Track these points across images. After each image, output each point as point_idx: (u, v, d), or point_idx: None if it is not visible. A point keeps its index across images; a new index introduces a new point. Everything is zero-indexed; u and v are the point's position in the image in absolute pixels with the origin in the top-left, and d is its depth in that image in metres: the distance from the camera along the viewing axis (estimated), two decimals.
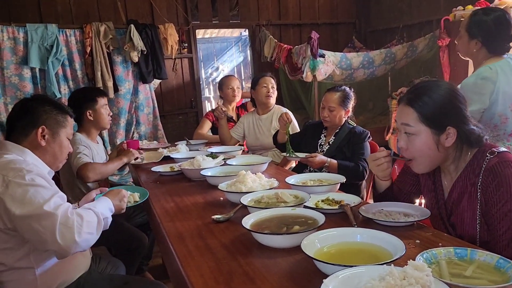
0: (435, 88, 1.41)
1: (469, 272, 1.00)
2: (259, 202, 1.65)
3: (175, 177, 2.45)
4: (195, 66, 5.86)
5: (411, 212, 1.52)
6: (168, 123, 5.66)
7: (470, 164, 1.42)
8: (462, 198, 1.45)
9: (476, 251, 1.07)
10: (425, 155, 1.42)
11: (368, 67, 5.15)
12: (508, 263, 1.00)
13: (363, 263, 1.03)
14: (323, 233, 1.24)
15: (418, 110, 1.39)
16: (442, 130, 1.38)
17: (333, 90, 2.74)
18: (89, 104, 2.70)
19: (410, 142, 1.43)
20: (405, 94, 1.46)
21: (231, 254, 1.29)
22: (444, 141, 1.39)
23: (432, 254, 1.05)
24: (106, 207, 1.60)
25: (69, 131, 1.76)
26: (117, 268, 2.07)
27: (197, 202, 1.90)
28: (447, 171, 1.51)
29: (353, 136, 2.65)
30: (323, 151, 2.73)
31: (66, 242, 1.35)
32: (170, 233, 1.50)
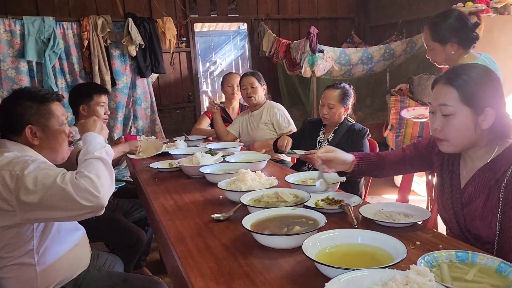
0: (472, 69, 1.40)
1: (470, 276, 1.00)
2: (259, 201, 1.65)
3: (173, 173, 2.44)
4: (193, 60, 5.84)
5: (411, 213, 1.52)
6: (166, 118, 5.65)
7: (498, 159, 1.39)
8: (481, 193, 1.42)
9: (477, 255, 1.07)
10: (461, 136, 1.38)
11: (367, 63, 5.15)
12: (510, 267, 1.00)
13: (364, 266, 1.03)
14: (324, 234, 1.23)
15: (459, 89, 1.35)
16: (480, 110, 1.35)
17: (332, 87, 2.73)
18: (84, 99, 2.69)
19: (446, 122, 1.39)
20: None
21: (231, 254, 1.28)
22: (481, 123, 1.35)
23: (434, 257, 1.05)
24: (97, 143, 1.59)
25: (60, 117, 1.67)
26: (115, 264, 2.07)
27: (196, 200, 1.90)
28: (470, 159, 1.47)
29: (353, 134, 2.65)
30: (321, 147, 2.71)
31: (93, 201, 1.37)
32: (170, 233, 1.49)
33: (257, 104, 3.30)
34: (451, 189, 1.53)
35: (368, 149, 2.63)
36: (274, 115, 3.22)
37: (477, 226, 1.41)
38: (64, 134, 1.69)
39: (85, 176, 1.39)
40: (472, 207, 1.43)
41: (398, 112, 4.95)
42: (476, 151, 1.44)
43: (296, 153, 2.58)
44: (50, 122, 1.64)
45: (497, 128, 1.38)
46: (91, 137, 1.63)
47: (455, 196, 1.51)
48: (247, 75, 3.30)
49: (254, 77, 3.26)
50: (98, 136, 1.65)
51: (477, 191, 1.43)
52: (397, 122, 4.98)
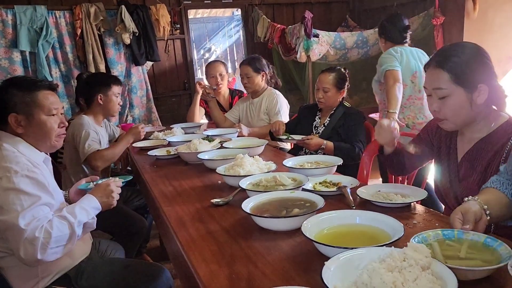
0: (461, 48, 1.44)
1: (463, 253, 1.02)
2: (257, 186, 1.66)
3: (171, 160, 2.46)
4: (188, 47, 5.79)
5: (408, 193, 1.54)
6: (162, 106, 5.63)
7: (496, 132, 1.45)
8: (479, 165, 1.47)
9: (462, 232, 1.08)
10: (459, 114, 1.44)
11: (362, 46, 5.13)
12: (496, 241, 1.02)
13: (363, 245, 1.05)
14: (323, 215, 1.25)
15: (450, 71, 1.40)
16: (474, 88, 1.40)
17: (327, 71, 2.73)
18: (102, 88, 2.73)
19: (443, 104, 1.44)
20: (432, 58, 1.47)
21: (232, 238, 1.30)
22: (476, 99, 1.40)
23: (423, 237, 1.07)
24: (91, 208, 1.57)
25: (48, 106, 1.62)
26: (117, 251, 2.09)
27: (195, 185, 1.91)
28: (467, 133, 1.52)
29: (348, 118, 2.65)
30: (318, 133, 2.74)
31: (28, 258, 1.37)
32: (171, 218, 1.51)
33: (256, 91, 3.29)
34: (449, 163, 1.59)
35: (364, 133, 2.63)
36: (270, 102, 3.22)
37: None
38: (51, 123, 1.63)
39: (47, 233, 1.38)
40: (470, 180, 1.47)
41: None
42: (474, 125, 1.49)
43: (293, 138, 2.59)
44: (35, 111, 1.60)
45: (492, 101, 1.44)
46: (91, 201, 1.61)
47: (452, 170, 1.56)
48: (243, 64, 3.27)
49: (249, 66, 3.21)
50: (97, 203, 1.61)
51: (475, 164, 1.49)
52: None
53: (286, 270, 1.08)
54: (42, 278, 1.58)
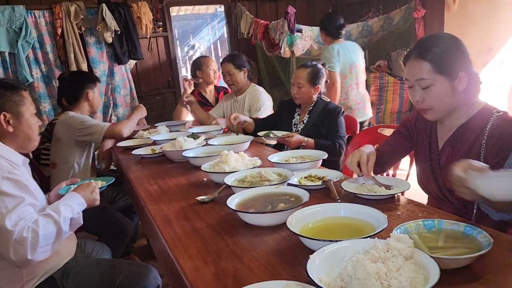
0: (440, 39, 1.48)
1: (441, 242, 1.03)
2: (243, 182, 1.66)
3: (156, 159, 2.44)
4: (171, 45, 5.75)
5: (392, 185, 1.55)
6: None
7: (474, 118, 1.50)
8: (460, 151, 1.51)
9: (443, 221, 1.10)
10: (443, 102, 1.47)
11: None
12: (475, 229, 1.04)
13: (347, 237, 1.06)
14: (308, 209, 1.26)
15: (431, 61, 1.43)
16: (455, 76, 1.44)
17: (303, 66, 2.71)
18: (91, 85, 2.83)
19: (426, 94, 1.47)
20: (412, 50, 1.50)
21: (218, 234, 1.30)
22: (457, 86, 1.45)
23: (404, 229, 1.08)
24: (75, 204, 1.57)
25: (30, 107, 1.69)
26: (103, 252, 2.07)
27: (180, 183, 1.90)
28: (447, 121, 1.56)
29: (327, 113, 2.63)
30: (298, 130, 2.72)
31: (19, 258, 1.36)
32: (156, 216, 1.50)
33: (240, 89, 3.27)
34: (430, 152, 1.63)
35: (344, 128, 2.62)
36: (252, 99, 3.20)
37: None
38: (35, 124, 1.70)
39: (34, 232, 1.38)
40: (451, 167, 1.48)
41: (377, 88, 5.01)
42: (453, 113, 1.54)
43: (274, 135, 2.58)
44: (23, 110, 1.65)
45: (470, 88, 1.48)
46: (75, 197, 1.61)
47: (434, 158, 1.60)
48: (224, 62, 3.24)
49: (231, 64, 3.19)
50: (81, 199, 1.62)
51: (456, 150, 1.53)
52: (377, 99, 5.03)
53: (272, 265, 1.09)
54: (27, 281, 1.56)
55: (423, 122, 1.67)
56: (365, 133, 2.73)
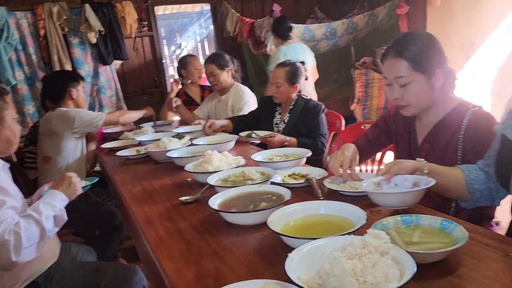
0: (416, 37, 1.51)
1: (416, 238, 1.05)
2: (226, 181, 1.67)
3: (141, 160, 2.43)
4: (157, 44, 5.73)
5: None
6: (133, 104, 5.54)
7: (451, 114, 1.53)
8: (439, 146, 1.54)
9: (420, 217, 1.11)
10: (421, 99, 1.51)
11: (331, 38, 5.17)
12: (451, 223, 1.06)
13: (327, 234, 1.07)
14: (289, 208, 1.27)
15: (408, 59, 1.46)
16: (432, 73, 1.47)
17: (281, 65, 2.70)
18: (74, 83, 2.83)
19: (405, 91, 1.50)
20: (389, 48, 1.53)
21: (200, 235, 1.30)
22: (434, 83, 1.48)
23: (383, 225, 1.09)
24: (56, 201, 1.55)
25: (11, 112, 1.68)
26: (88, 254, 2.06)
27: (165, 184, 1.90)
28: (425, 117, 1.60)
29: (307, 111, 2.62)
30: (279, 130, 2.71)
31: (3, 261, 1.35)
32: (139, 218, 1.49)
33: (223, 89, 3.26)
34: (409, 148, 1.67)
35: (325, 125, 2.62)
36: (235, 99, 3.19)
37: None
38: (17, 129, 1.70)
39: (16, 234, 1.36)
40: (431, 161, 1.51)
41: (363, 85, 5.04)
42: (431, 109, 1.57)
43: (256, 135, 2.58)
44: (5, 114, 1.64)
45: (446, 84, 1.52)
46: (55, 195, 1.59)
47: (414, 154, 1.63)
48: (207, 63, 3.21)
49: (214, 64, 3.16)
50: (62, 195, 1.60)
51: (435, 146, 1.57)
52: (363, 95, 5.06)
53: (254, 264, 1.09)
54: (10, 287, 1.54)
55: (402, 118, 1.70)
56: (349, 129, 2.75)
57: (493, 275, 0.92)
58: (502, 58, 4.57)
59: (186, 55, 4.02)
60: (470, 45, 4.48)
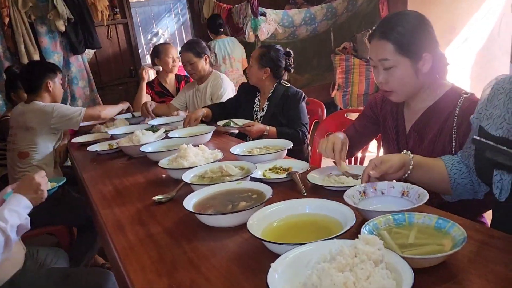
0: (405, 17, 1.42)
1: (411, 239, 0.95)
2: (202, 178, 1.55)
3: (114, 155, 2.29)
4: (132, 32, 5.52)
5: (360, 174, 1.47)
6: (108, 95, 5.35)
7: (441, 100, 1.45)
8: (429, 135, 1.46)
9: (413, 215, 1.02)
10: (405, 84, 1.43)
11: (310, 23, 5.06)
12: (447, 222, 0.97)
13: (314, 236, 0.98)
14: (270, 208, 1.16)
15: (394, 41, 1.38)
16: (418, 57, 1.39)
17: (260, 46, 2.66)
18: (51, 75, 2.70)
19: (389, 75, 1.42)
20: (376, 28, 1.45)
21: (174, 240, 1.19)
22: (421, 68, 1.40)
23: (373, 225, 0.99)
24: (21, 208, 1.42)
25: None
26: (59, 259, 1.92)
27: (137, 182, 1.77)
28: (413, 103, 1.52)
29: (287, 99, 2.51)
30: (258, 118, 2.61)
31: None
32: (108, 222, 1.37)
33: (202, 77, 3.11)
34: (397, 135, 1.59)
35: (306, 113, 2.52)
36: (214, 87, 3.05)
37: None
38: None
39: None
40: (419, 151, 1.45)
41: (343, 71, 4.95)
42: (419, 95, 1.50)
43: (234, 124, 2.46)
44: None
45: (435, 70, 1.44)
46: (19, 200, 1.45)
47: (401, 142, 1.56)
48: (183, 51, 3.05)
49: (190, 52, 3.00)
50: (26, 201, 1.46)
51: (424, 134, 1.49)
52: (344, 81, 4.98)
53: (233, 274, 0.99)
54: None
55: (390, 104, 1.62)
56: (332, 118, 2.65)
57: (497, 280, 0.83)
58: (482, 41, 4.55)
59: (160, 43, 3.84)
60: (451, 29, 4.43)
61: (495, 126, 1.13)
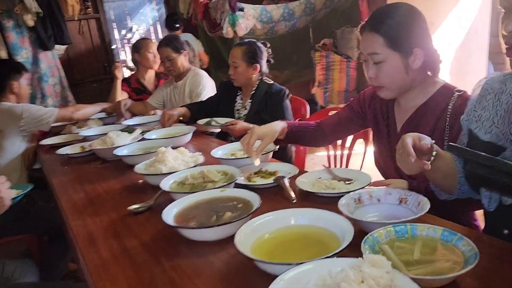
0: (396, 10, 1.35)
1: (416, 255, 0.87)
2: (183, 185, 1.43)
3: (86, 158, 2.14)
4: (105, 27, 5.33)
5: (351, 177, 1.40)
6: (81, 93, 5.16)
7: (433, 98, 1.39)
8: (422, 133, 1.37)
9: (416, 226, 0.93)
10: (395, 80, 1.37)
11: (289, 19, 4.97)
12: (454, 235, 0.89)
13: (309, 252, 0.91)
14: (258, 220, 1.05)
15: (384, 35, 1.32)
16: (409, 52, 1.33)
17: (238, 44, 2.48)
18: (16, 75, 2.57)
19: (379, 70, 1.36)
20: (367, 21, 1.39)
21: (153, 257, 1.07)
22: (412, 64, 1.34)
23: (374, 238, 0.91)
24: None
25: None
26: (28, 272, 1.77)
27: (112, 188, 1.64)
28: (404, 101, 1.46)
29: (270, 97, 2.41)
30: (240, 117, 2.50)
31: None
32: (79, 236, 1.24)
33: (180, 74, 2.97)
34: (388, 134, 1.53)
35: (290, 111, 2.43)
36: (193, 84, 2.93)
37: None
38: None
39: None
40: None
41: (324, 68, 4.89)
42: (409, 93, 1.44)
43: (216, 123, 2.35)
44: None
45: (427, 66, 1.38)
46: None
47: (392, 141, 1.50)
48: (161, 47, 2.90)
49: (169, 48, 2.86)
50: None
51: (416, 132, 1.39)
52: (324, 78, 4.92)
53: None
54: None
55: (379, 102, 1.56)
56: (316, 116, 2.56)
57: None
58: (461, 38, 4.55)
59: (140, 38, 3.68)
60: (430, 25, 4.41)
61: (484, 129, 1.07)
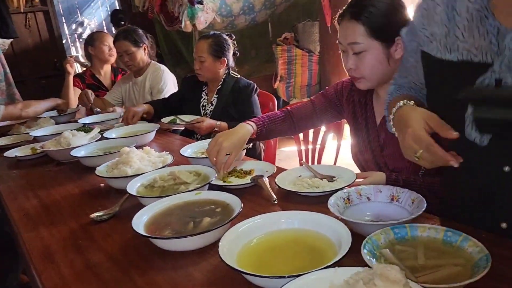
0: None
1: (421, 259, 0.80)
2: (152, 188, 1.30)
3: (38, 161, 1.94)
4: (54, 21, 5.01)
5: (334, 175, 1.31)
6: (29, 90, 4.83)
7: None
8: None
9: (416, 227, 0.87)
10: (376, 71, 1.33)
11: (248, 13, 4.89)
12: (459, 235, 0.82)
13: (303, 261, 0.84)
14: (244, 225, 0.94)
15: (366, 23, 1.27)
16: (391, 42, 1.29)
17: (203, 37, 2.37)
18: None
19: (359, 60, 1.31)
20: (347, 8, 1.32)
21: (122, 271, 0.94)
22: (394, 53, 1.31)
23: (373, 242, 0.83)
24: None
25: None
26: None
27: (69, 194, 1.48)
28: (383, 93, 1.39)
29: (238, 92, 2.32)
30: (207, 113, 2.39)
31: None
32: (33, 250, 1.08)
33: (140, 69, 2.81)
34: (367, 127, 1.48)
35: (258, 106, 2.35)
36: (154, 80, 2.77)
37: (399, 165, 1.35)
38: None
39: None
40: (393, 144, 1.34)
41: (286, 62, 4.84)
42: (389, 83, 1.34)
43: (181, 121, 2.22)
44: None
45: None
46: None
47: (372, 134, 1.46)
48: (119, 40, 2.73)
49: (127, 41, 2.70)
50: None
51: None
52: (286, 73, 4.88)
53: None
54: None
55: (358, 92, 1.50)
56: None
57: None
58: None
59: (94, 31, 3.46)
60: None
61: (446, 48, 0.93)
